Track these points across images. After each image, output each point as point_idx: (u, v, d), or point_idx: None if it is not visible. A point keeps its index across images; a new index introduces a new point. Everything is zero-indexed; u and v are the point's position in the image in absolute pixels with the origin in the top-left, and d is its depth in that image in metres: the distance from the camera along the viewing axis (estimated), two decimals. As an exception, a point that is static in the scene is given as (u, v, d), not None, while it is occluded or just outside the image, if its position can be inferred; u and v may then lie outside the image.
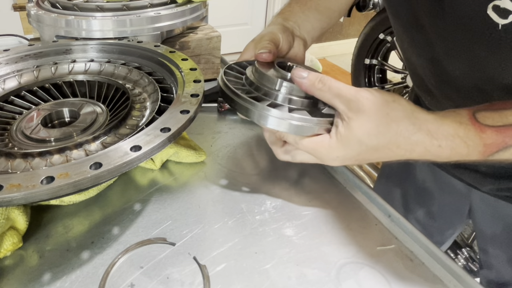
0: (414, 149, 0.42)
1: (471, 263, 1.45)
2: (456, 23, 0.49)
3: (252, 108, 0.48)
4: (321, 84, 0.45)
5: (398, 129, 0.42)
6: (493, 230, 0.74)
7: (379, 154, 0.44)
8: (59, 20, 0.78)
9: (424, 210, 0.86)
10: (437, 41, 0.54)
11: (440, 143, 0.42)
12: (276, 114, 0.47)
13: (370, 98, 0.42)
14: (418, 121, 0.42)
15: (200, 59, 0.90)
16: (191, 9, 0.86)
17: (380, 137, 0.42)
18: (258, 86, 0.52)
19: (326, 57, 3.82)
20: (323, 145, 0.46)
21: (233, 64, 0.59)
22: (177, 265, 0.47)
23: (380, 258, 0.49)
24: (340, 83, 0.45)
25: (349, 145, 0.44)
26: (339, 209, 0.57)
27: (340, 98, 0.44)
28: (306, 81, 0.47)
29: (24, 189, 0.38)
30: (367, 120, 0.42)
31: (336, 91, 0.44)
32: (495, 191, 0.67)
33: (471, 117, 0.42)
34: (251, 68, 0.56)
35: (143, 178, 0.61)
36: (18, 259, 0.47)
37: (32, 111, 0.61)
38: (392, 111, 0.42)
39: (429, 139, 0.41)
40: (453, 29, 0.50)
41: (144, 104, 0.61)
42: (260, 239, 0.51)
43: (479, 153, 0.42)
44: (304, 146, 0.47)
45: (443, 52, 0.55)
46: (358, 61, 2.46)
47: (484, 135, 0.41)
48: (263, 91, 0.51)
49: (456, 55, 0.53)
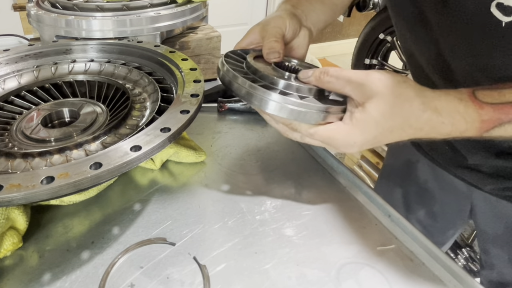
0: (423, 127, 0.43)
1: (471, 263, 1.44)
2: (460, 20, 0.50)
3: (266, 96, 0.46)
4: (328, 76, 0.46)
5: (411, 109, 0.42)
6: (495, 230, 0.73)
7: (393, 135, 0.44)
8: (59, 20, 0.78)
9: (425, 210, 0.86)
10: (441, 37, 0.55)
11: (443, 120, 0.42)
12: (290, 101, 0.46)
13: (382, 79, 0.43)
14: (427, 99, 0.43)
15: (200, 59, 0.90)
16: (191, 9, 0.86)
17: (395, 117, 0.43)
18: (263, 74, 0.50)
19: (326, 57, 3.82)
20: (339, 132, 0.45)
21: (230, 52, 0.57)
22: (177, 265, 0.47)
23: (380, 258, 0.49)
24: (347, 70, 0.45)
25: (366, 129, 0.44)
26: (339, 209, 0.57)
27: (351, 84, 0.44)
28: (312, 78, 0.47)
29: (24, 189, 0.38)
30: (382, 102, 0.42)
31: (345, 78, 0.44)
32: (497, 190, 0.67)
33: (470, 95, 0.43)
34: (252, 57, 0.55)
35: (143, 178, 0.61)
36: (18, 259, 0.47)
37: (32, 111, 0.61)
38: (404, 91, 0.43)
39: (436, 117, 0.42)
40: (457, 26, 0.51)
41: (144, 104, 0.61)
42: (260, 239, 0.51)
43: (476, 129, 0.43)
44: (319, 135, 0.46)
45: (448, 48, 0.55)
46: (358, 61, 2.46)
47: (482, 111, 0.42)
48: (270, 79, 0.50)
49: (460, 51, 0.53)
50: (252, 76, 0.52)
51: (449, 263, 0.48)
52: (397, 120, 0.43)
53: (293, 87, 0.49)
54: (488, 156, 0.62)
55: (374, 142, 0.45)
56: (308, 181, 0.63)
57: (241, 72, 0.52)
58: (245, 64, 0.54)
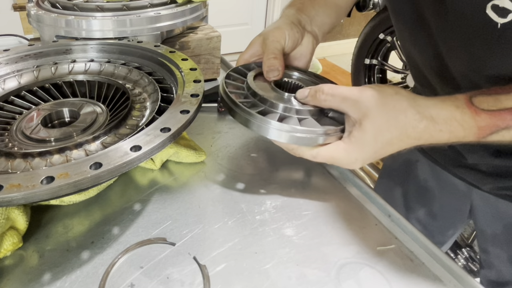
0: (421, 136, 0.44)
1: (471, 263, 1.44)
2: (457, 21, 0.50)
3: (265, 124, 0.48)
4: (323, 95, 0.48)
5: (406, 120, 0.43)
6: (494, 230, 0.74)
7: (393, 147, 0.45)
8: (59, 20, 0.78)
9: (425, 210, 0.86)
10: (439, 39, 0.55)
11: (441, 127, 0.43)
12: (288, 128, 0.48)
13: (375, 95, 0.44)
14: (422, 108, 0.43)
15: (200, 59, 0.90)
16: (191, 9, 0.86)
17: (392, 130, 0.44)
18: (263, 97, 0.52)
19: (326, 57, 3.82)
20: (340, 151, 0.47)
21: (231, 71, 0.59)
22: (177, 265, 0.47)
23: (380, 258, 0.49)
24: (341, 88, 0.47)
25: (365, 146, 0.45)
26: (339, 209, 0.57)
27: (347, 101, 0.46)
28: (309, 98, 0.50)
29: (24, 189, 0.38)
30: (377, 117, 0.44)
31: (341, 96, 0.46)
32: (496, 190, 0.67)
33: (467, 101, 0.44)
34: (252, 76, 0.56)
35: (143, 178, 0.61)
36: (18, 259, 0.47)
37: (32, 111, 0.61)
38: (397, 103, 0.44)
39: (433, 125, 0.43)
40: (454, 28, 0.51)
41: (144, 104, 0.61)
42: (260, 239, 0.51)
43: (474, 135, 0.43)
44: (322, 156, 0.48)
45: (446, 49, 0.55)
46: (358, 61, 2.46)
47: (478, 118, 0.43)
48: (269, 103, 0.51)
49: (457, 52, 0.54)
50: (252, 99, 0.53)
51: (449, 263, 0.48)
52: (394, 132, 0.44)
53: (292, 109, 0.51)
54: (487, 155, 0.62)
55: (376, 156, 0.46)
56: (308, 181, 0.63)
57: (241, 94, 0.54)
58: (246, 85, 0.56)
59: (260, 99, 0.52)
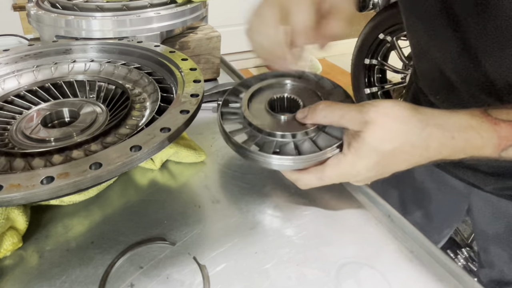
0: (429, 144, 0.42)
1: (471, 263, 1.44)
2: (496, 22, 0.48)
3: (260, 157, 0.50)
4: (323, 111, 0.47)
5: (407, 128, 0.42)
6: (495, 230, 0.73)
7: (398, 159, 0.44)
8: (59, 20, 0.78)
9: (422, 211, 0.86)
10: (472, 35, 0.52)
11: (452, 134, 0.41)
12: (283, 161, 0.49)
13: (373, 109, 0.43)
14: (425, 117, 0.42)
15: (200, 59, 0.90)
16: (191, 9, 0.86)
17: (393, 140, 0.42)
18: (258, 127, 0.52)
19: (326, 57, 3.82)
20: (341, 165, 0.46)
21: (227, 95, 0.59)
22: (177, 265, 0.47)
23: (380, 258, 0.49)
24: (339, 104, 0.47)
25: (364, 156, 0.44)
26: (339, 209, 0.57)
27: (346, 117, 0.45)
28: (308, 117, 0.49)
29: (24, 189, 0.38)
30: (377, 128, 0.43)
31: (340, 112, 0.46)
32: (498, 190, 0.67)
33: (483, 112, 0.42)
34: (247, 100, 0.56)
35: (143, 178, 0.61)
36: (18, 259, 0.47)
37: (32, 111, 0.61)
38: (397, 113, 0.43)
39: (441, 132, 0.42)
40: (491, 27, 0.49)
41: (144, 104, 0.61)
42: (260, 239, 0.51)
43: (493, 146, 0.41)
44: (328, 177, 0.48)
45: (480, 48, 0.53)
46: (358, 61, 2.46)
47: (498, 127, 0.41)
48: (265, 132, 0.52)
49: (489, 51, 0.52)
50: (248, 129, 0.54)
51: (449, 263, 0.48)
52: (395, 143, 0.42)
53: (288, 135, 0.51)
54: None
55: (379, 169, 0.45)
56: (308, 181, 0.63)
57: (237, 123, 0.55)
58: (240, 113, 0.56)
59: (256, 128, 0.53)
